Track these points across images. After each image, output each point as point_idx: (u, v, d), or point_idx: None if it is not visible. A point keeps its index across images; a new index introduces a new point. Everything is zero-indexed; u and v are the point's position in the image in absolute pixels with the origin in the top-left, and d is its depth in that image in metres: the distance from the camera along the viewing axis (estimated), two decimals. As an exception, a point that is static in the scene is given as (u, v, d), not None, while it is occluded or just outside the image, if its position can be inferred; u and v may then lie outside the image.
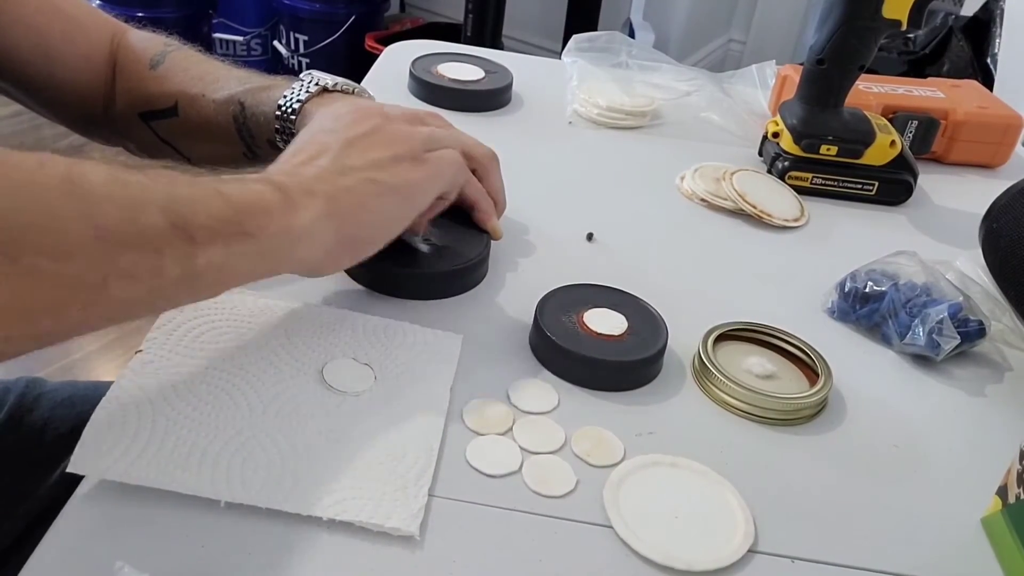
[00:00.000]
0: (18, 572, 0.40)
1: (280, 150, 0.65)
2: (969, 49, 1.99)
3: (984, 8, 1.99)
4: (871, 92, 0.92)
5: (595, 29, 2.03)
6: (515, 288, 0.65)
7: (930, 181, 0.89)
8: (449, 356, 0.56)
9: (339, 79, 0.66)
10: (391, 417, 0.51)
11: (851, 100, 0.83)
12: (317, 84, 0.64)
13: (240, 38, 2.67)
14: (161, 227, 0.41)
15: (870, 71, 0.82)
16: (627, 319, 0.59)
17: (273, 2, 2.61)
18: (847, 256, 0.70)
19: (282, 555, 0.43)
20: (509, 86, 0.94)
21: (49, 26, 0.68)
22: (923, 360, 0.63)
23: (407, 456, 0.48)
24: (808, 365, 0.60)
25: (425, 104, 0.90)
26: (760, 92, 1.00)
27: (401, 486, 0.46)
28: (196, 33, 2.61)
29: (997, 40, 1.90)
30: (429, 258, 0.63)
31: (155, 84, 0.68)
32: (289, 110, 0.62)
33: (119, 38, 0.72)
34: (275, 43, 2.68)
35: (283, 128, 0.63)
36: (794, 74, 0.89)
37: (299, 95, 0.62)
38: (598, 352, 0.56)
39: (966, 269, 0.71)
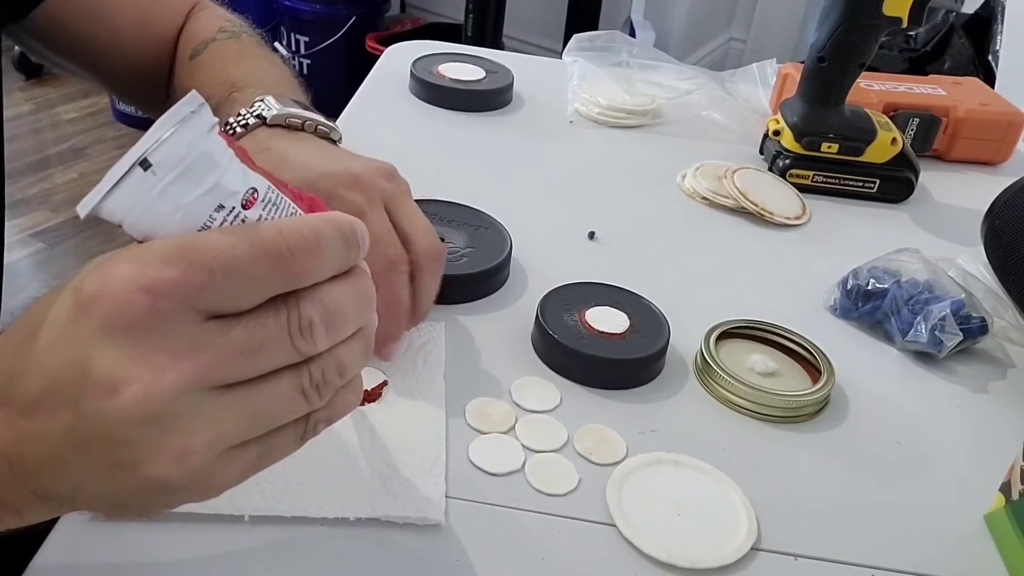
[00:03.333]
0: (22, 571, 0.40)
1: None
2: (970, 46, 1.99)
3: (985, 5, 1.98)
4: (872, 90, 0.92)
5: (596, 28, 2.04)
6: (517, 287, 0.65)
7: (932, 178, 0.88)
8: (435, 344, 0.57)
9: (290, 109, 0.55)
10: (393, 412, 0.51)
11: (852, 98, 0.83)
12: (258, 116, 0.54)
13: (241, 39, 2.67)
14: None
15: (871, 69, 0.82)
16: (629, 317, 0.59)
17: (274, 3, 2.61)
18: (849, 253, 0.70)
19: (287, 555, 0.43)
20: (510, 86, 0.94)
21: (124, 17, 0.67)
22: (926, 357, 0.63)
23: (417, 450, 0.48)
24: (810, 362, 0.60)
25: (426, 104, 0.90)
26: (761, 90, 1.00)
27: (418, 476, 0.46)
28: (197, 34, 2.60)
29: (998, 37, 1.90)
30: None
31: (187, 77, 0.66)
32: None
33: (190, 16, 0.70)
34: (276, 44, 2.68)
35: None
36: (795, 72, 0.89)
37: (236, 128, 0.55)
38: (600, 350, 0.56)
39: (968, 266, 0.71)
